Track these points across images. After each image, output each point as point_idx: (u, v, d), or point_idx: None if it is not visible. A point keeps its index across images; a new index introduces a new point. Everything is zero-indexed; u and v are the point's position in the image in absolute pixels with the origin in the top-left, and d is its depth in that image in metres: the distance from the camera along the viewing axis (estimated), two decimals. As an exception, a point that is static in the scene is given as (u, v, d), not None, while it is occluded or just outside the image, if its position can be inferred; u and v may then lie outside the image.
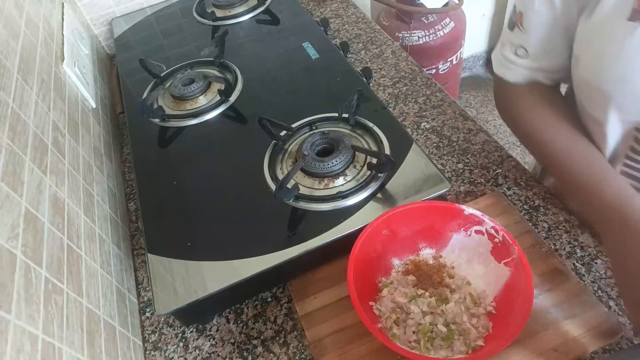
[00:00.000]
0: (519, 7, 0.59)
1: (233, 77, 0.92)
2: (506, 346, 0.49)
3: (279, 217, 0.66)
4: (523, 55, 0.61)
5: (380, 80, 0.95)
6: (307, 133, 0.77)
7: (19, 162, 0.51)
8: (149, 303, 0.69)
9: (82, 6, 1.13)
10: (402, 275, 0.61)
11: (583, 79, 0.56)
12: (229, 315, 0.65)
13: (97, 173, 0.75)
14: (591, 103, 0.57)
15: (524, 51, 0.61)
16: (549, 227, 0.67)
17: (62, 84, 0.75)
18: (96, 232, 0.65)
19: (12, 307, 0.40)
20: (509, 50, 0.62)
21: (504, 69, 0.64)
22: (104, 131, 0.88)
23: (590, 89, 0.56)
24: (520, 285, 0.53)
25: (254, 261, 0.60)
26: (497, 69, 0.66)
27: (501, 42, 0.65)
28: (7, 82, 0.56)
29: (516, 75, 0.63)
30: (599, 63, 0.52)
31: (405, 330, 0.55)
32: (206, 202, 0.71)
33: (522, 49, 0.61)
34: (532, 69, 0.62)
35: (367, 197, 0.65)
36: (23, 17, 0.71)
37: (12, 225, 0.45)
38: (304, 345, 0.61)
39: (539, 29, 0.58)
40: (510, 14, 0.62)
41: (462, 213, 0.60)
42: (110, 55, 1.19)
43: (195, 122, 0.84)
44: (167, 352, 0.63)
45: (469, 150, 0.79)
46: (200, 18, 1.11)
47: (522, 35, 0.60)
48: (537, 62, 0.61)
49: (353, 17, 1.14)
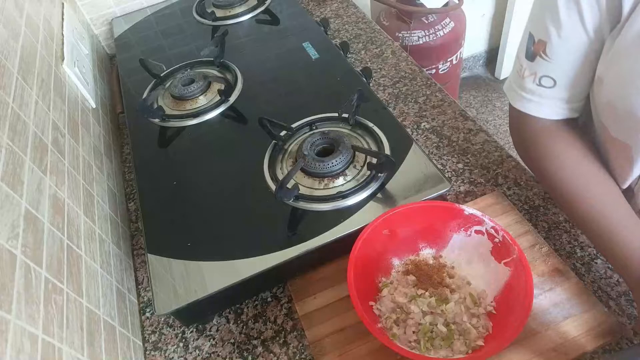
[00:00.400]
0: (538, 36, 0.55)
1: (233, 77, 0.92)
2: (506, 346, 0.49)
3: (279, 217, 0.66)
4: (549, 86, 0.56)
5: (380, 80, 0.95)
6: (307, 133, 0.77)
7: (19, 162, 0.51)
8: (149, 303, 0.69)
9: (82, 6, 1.13)
10: (402, 275, 0.61)
11: (609, 103, 0.53)
12: (229, 315, 0.65)
13: (97, 173, 0.75)
14: (617, 126, 0.54)
15: (551, 81, 0.56)
16: (549, 227, 0.67)
17: (62, 84, 0.75)
18: (96, 232, 0.65)
19: (12, 307, 0.40)
20: (531, 81, 0.57)
21: (527, 102, 0.59)
22: (104, 131, 0.88)
23: (617, 112, 0.52)
24: (520, 285, 0.53)
25: (254, 261, 0.60)
26: (517, 104, 0.60)
27: (518, 74, 0.59)
28: (7, 82, 0.56)
29: (541, 109, 0.58)
30: (628, 86, 0.49)
31: (405, 330, 0.55)
32: (206, 202, 0.71)
33: (548, 79, 0.56)
34: (560, 99, 0.57)
35: (367, 197, 0.65)
36: (23, 17, 0.71)
37: (12, 225, 0.45)
38: (304, 345, 0.61)
39: (568, 56, 0.54)
40: (526, 44, 0.57)
41: (462, 213, 0.60)
42: (110, 55, 1.19)
43: (195, 122, 0.84)
44: (167, 352, 0.63)
45: (469, 150, 0.79)
46: (200, 18, 1.11)
47: (547, 65, 0.55)
48: (566, 91, 0.56)
49: (353, 17, 1.14)
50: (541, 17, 0.54)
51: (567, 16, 0.51)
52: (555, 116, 0.59)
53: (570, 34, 0.52)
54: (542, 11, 0.54)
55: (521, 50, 0.58)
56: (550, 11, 0.52)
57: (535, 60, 0.56)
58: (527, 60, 0.57)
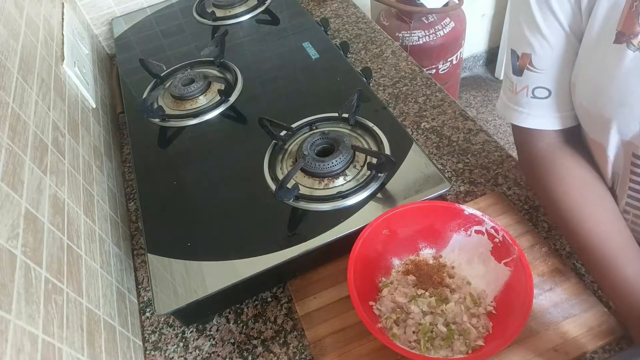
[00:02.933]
0: (521, 50, 0.55)
1: (233, 77, 0.92)
2: (506, 346, 0.49)
3: (279, 217, 0.66)
4: (544, 96, 0.56)
5: (380, 80, 0.95)
6: (307, 133, 0.77)
7: (19, 162, 0.51)
8: (149, 303, 0.69)
9: (82, 6, 1.13)
10: (402, 275, 0.61)
11: (581, 105, 0.54)
12: (229, 315, 0.65)
13: (97, 173, 0.75)
14: (591, 127, 0.55)
15: (545, 91, 0.56)
16: (549, 227, 0.67)
17: (62, 84, 0.75)
18: (96, 232, 0.65)
19: (12, 307, 0.40)
20: (524, 95, 0.57)
21: (526, 116, 0.58)
22: (104, 131, 0.88)
23: (590, 115, 0.54)
24: (520, 285, 0.53)
25: (254, 261, 0.60)
26: (514, 120, 0.60)
27: (510, 91, 0.59)
28: (7, 82, 0.56)
29: (540, 120, 0.58)
30: (594, 89, 0.50)
31: (405, 330, 0.55)
32: (206, 202, 0.71)
33: (541, 90, 0.56)
34: (558, 107, 0.57)
35: (367, 197, 0.65)
36: (23, 17, 0.71)
37: (12, 225, 0.45)
38: (304, 345, 0.61)
39: (554, 62, 0.54)
40: (511, 61, 0.57)
41: (462, 213, 0.60)
42: (110, 55, 1.19)
43: (195, 122, 0.84)
44: (167, 352, 0.63)
45: (469, 150, 0.79)
46: (200, 18, 1.11)
47: (537, 76, 0.55)
48: (562, 97, 0.56)
49: (353, 17, 1.14)
50: (520, 31, 0.54)
51: (544, 23, 0.51)
52: (556, 126, 0.58)
53: (551, 38, 0.52)
54: (519, 25, 0.54)
55: (508, 69, 0.59)
56: (526, 22, 0.53)
57: (524, 74, 0.56)
58: (516, 76, 0.57)
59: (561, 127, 0.58)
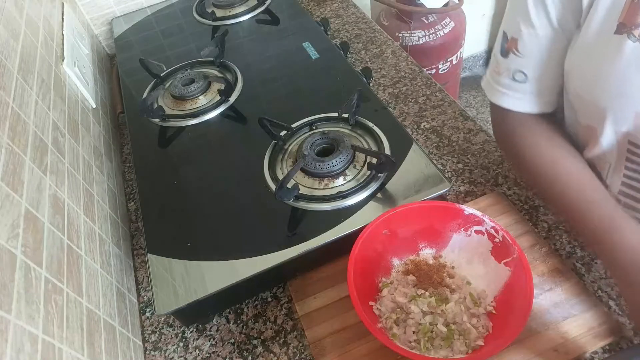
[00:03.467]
0: (511, 34, 0.58)
1: (233, 77, 0.92)
2: (506, 346, 0.49)
3: (279, 217, 0.66)
4: (522, 80, 0.59)
5: (380, 80, 0.95)
6: (307, 133, 0.77)
7: (19, 162, 0.51)
8: (149, 303, 0.69)
9: (82, 6, 1.13)
10: (402, 275, 0.61)
11: (576, 94, 0.55)
12: (229, 315, 0.65)
13: (97, 173, 0.75)
14: (586, 114, 0.57)
15: (523, 76, 0.59)
16: (549, 227, 0.67)
17: (62, 84, 0.75)
18: (96, 232, 0.65)
19: (12, 307, 0.40)
20: (506, 76, 0.60)
21: (503, 96, 0.62)
22: (104, 131, 0.88)
23: (585, 103, 0.55)
24: (520, 285, 0.53)
25: (254, 261, 0.60)
26: (493, 98, 0.63)
27: (494, 70, 0.63)
28: (7, 82, 0.56)
29: (517, 102, 0.61)
30: (593, 79, 0.51)
31: (405, 330, 0.55)
32: (206, 202, 0.71)
33: (520, 74, 0.59)
34: (532, 92, 0.60)
35: (367, 197, 0.65)
36: (23, 17, 0.71)
37: (12, 225, 0.45)
38: (304, 345, 0.61)
39: (538, 51, 0.56)
40: (500, 42, 0.60)
41: (462, 213, 0.60)
42: (110, 55, 1.19)
43: (195, 122, 0.84)
44: (167, 352, 0.63)
45: (469, 150, 0.79)
46: (200, 18, 1.11)
47: (519, 60, 0.58)
48: (537, 84, 0.59)
49: (353, 17, 1.14)
50: (513, 16, 0.58)
51: (536, 13, 0.54)
52: (529, 110, 0.61)
53: (538, 30, 0.55)
54: (514, 10, 0.58)
55: (497, 49, 0.62)
56: (520, 10, 0.56)
57: (509, 57, 0.59)
58: (502, 57, 0.60)
59: (537, 111, 0.61)
